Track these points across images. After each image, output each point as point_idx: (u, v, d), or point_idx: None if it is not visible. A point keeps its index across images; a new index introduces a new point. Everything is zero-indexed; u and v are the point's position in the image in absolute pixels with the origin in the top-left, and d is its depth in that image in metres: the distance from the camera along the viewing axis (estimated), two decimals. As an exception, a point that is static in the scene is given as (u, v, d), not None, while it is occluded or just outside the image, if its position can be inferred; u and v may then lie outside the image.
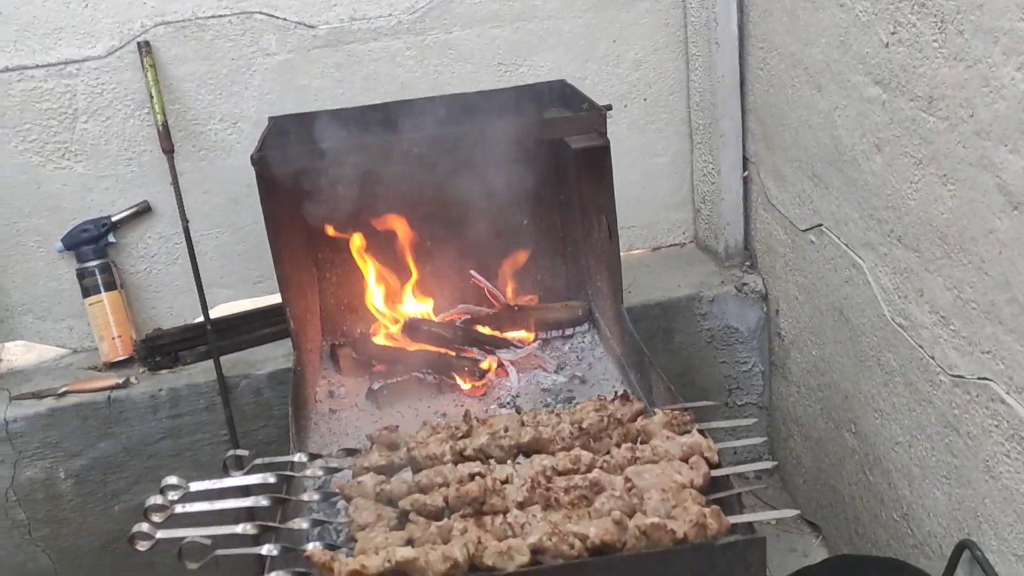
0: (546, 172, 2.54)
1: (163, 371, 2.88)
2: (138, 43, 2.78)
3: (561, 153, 2.51)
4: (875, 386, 2.25)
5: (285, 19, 2.84)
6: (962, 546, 1.86)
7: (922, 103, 1.85)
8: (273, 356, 2.89)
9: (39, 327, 3.03)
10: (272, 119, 2.56)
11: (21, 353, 3.09)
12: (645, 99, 3.16)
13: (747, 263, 3.10)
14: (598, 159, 2.25)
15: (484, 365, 2.39)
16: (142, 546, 1.59)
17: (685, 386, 2.88)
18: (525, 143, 2.33)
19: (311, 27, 2.86)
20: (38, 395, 2.79)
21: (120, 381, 2.80)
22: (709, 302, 3.00)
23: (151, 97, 2.79)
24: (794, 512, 1.65)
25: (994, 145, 1.62)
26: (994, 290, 1.67)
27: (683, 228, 3.34)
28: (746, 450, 2.93)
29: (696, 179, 3.23)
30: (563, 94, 2.60)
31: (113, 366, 2.92)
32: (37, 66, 2.79)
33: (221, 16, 2.82)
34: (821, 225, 2.47)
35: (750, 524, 1.53)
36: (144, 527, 1.59)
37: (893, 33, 1.94)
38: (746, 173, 3.01)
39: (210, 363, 2.82)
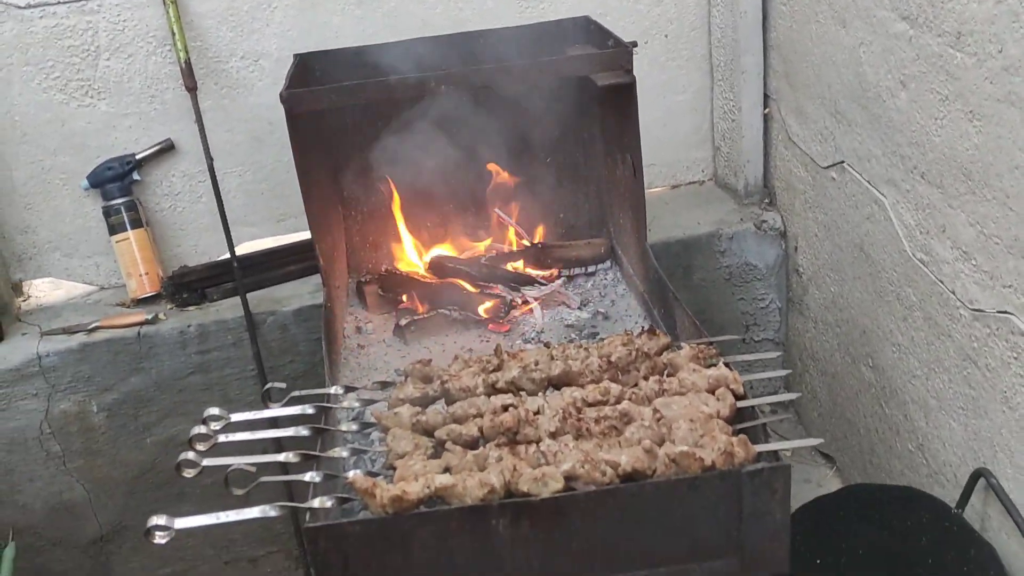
0: (570, 110, 2.55)
1: (190, 308, 2.93)
2: (159, -21, 2.79)
3: (585, 90, 2.52)
4: (894, 321, 2.29)
5: (305, -47, 2.84)
6: (977, 474, 1.92)
7: (950, 39, 1.86)
8: (299, 293, 2.93)
9: (66, 264, 3.07)
10: (298, 56, 2.57)
11: (49, 290, 3.14)
12: (666, 35, 3.15)
13: (766, 201, 3.12)
14: (624, 96, 2.26)
15: (508, 297, 2.43)
16: (188, 473, 1.66)
17: (703, 323, 2.88)
18: (549, 80, 2.34)
19: (332, -37, 2.86)
20: (69, 331, 2.85)
21: (149, 317, 2.85)
22: (728, 239, 3.03)
23: (173, 34, 2.80)
24: (817, 440, 1.70)
25: (1022, 81, 1.63)
26: (1018, 225, 1.70)
27: (703, 166, 3.36)
28: (762, 384, 2.98)
29: (716, 117, 3.23)
30: (587, 31, 2.59)
31: (141, 303, 2.97)
32: (59, 2, 2.79)
33: (242, -49, 2.81)
34: (843, 162, 2.49)
35: (775, 452, 1.58)
36: (190, 455, 1.65)
37: (921, -32, 1.94)
38: (767, 110, 3.02)
39: (236, 300, 2.86)
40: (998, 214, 1.76)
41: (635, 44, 2.28)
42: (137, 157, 2.95)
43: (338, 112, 2.56)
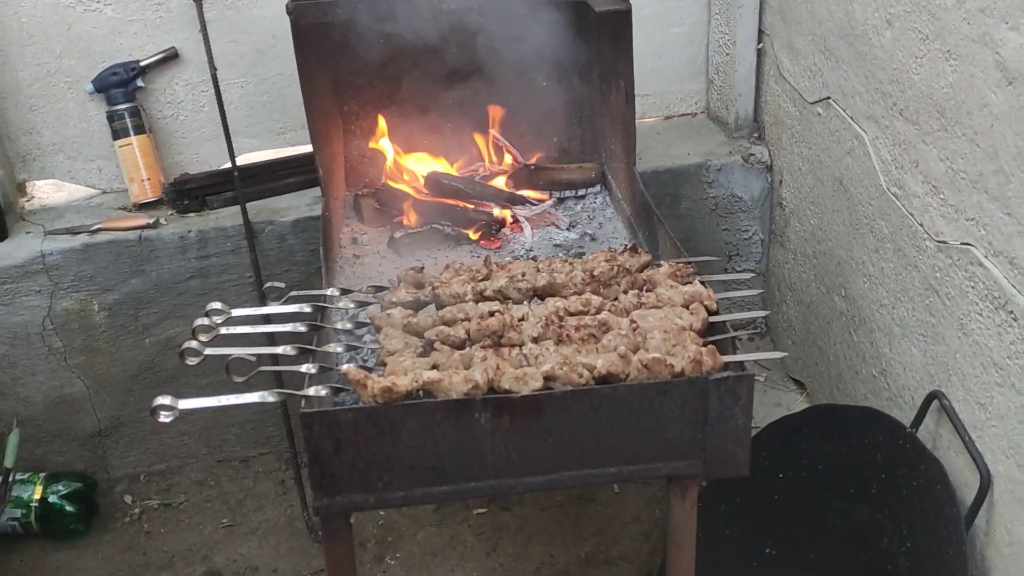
0: (567, 35, 2.60)
1: (191, 214, 3.00)
2: None
3: (582, 17, 2.58)
4: (867, 252, 2.39)
5: None
6: (932, 396, 2.05)
7: (934, -20, 1.94)
8: (297, 205, 3.01)
9: (69, 167, 3.14)
10: (304, -31, 2.61)
11: (52, 191, 3.21)
12: (665, -34, 3.20)
13: (755, 135, 3.21)
14: (619, 24, 2.33)
15: (499, 215, 2.52)
16: (191, 361, 1.76)
17: (688, 250, 2.95)
18: (548, 4, 2.40)
19: None
20: (72, 231, 2.93)
21: (150, 221, 2.93)
22: (716, 171, 3.12)
23: (180, -59, 2.84)
24: (782, 354, 1.82)
25: (996, 22, 1.71)
26: (983, 161, 1.80)
27: (696, 98, 3.43)
28: (739, 305, 3.10)
29: (711, 50, 3.29)
30: (587, -42, 2.64)
31: (142, 207, 3.04)
32: (69, -95, 2.83)
33: None
34: (829, 98, 2.57)
35: (740, 363, 1.70)
36: (193, 344, 1.76)
37: (913, -91, 2.00)
38: (760, 45, 3.08)
39: (236, 208, 2.94)
40: (966, 150, 1.86)
41: (633, -28, 2.33)
42: (142, 64, 3.00)
43: (342, 27, 2.61)
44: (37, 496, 2.92)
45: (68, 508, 2.94)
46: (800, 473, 2.33)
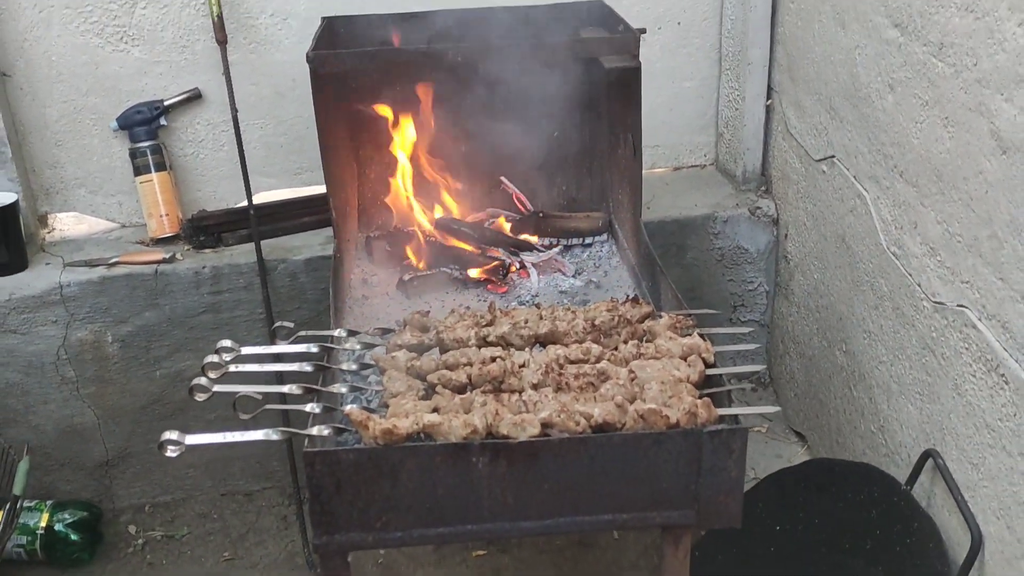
0: (578, 89, 2.67)
1: (206, 250, 3.07)
2: (197, -66, 2.92)
3: (593, 71, 2.64)
4: (867, 309, 2.43)
5: (340, -80, 2.96)
6: (927, 455, 2.07)
7: (933, 48, 1.99)
8: (310, 244, 3.08)
9: (91, 201, 3.22)
10: (325, 19, 2.70)
11: (72, 224, 3.29)
12: (679, 23, 3.27)
13: (762, 188, 3.26)
14: (629, 80, 2.39)
15: (507, 261, 2.57)
16: (200, 397, 1.80)
17: (693, 300, 3.06)
18: (561, 60, 2.47)
19: (363, -69, 2.98)
20: (90, 263, 3.00)
21: (167, 256, 3.00)
22: (723, 222, 3.17)
23: (207, -12, 2.93)
24: (775, 409, 1.85)
25: (992, 93, 1.76)
26: (978, 226, 1.84)
27: (705, 151, 3.49)
28: (742, 358, 3.14)
29: (721, 104, 3.36)
30: (600, 15, 2.72)
31: (160, 242, 3.11)
32: (101, -50, 2.93)
33: (278, -86, 2.94)
34: (833, 156, 2.62)
35: (735, 416, 1.73)
36: (203, 380, 1.80)
37: (915, -21, 2.07)
38: (769, 101, 3.14)
39: (250, 245, 3.00)
40: (962, 215, 1.90)
41: (643, 31, 2.41)
42: (165, 103, 3.08)
43: (360, 76, 2.69)
44: (43, 524, 2.96)
45: (73, 536, 2.97)
46: (797, 526, 2.35)
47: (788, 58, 2.94)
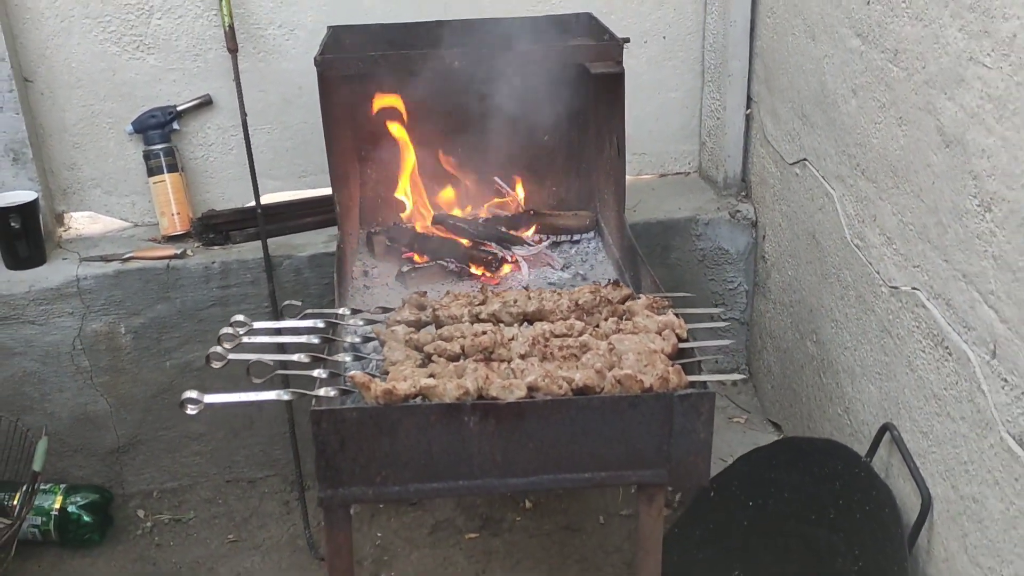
0: (568, 95, 2.85)
1: (215, 247, 3.22)
2: (212, -51, 3.11)
3: (582, 79, 2.83)
4: (834, 299, 2.61)
5: (346, -62, 3.16)
6: (884, 428, 2.24)
7: (889, 55, 2.18)
8: (314, 242, 3.24)
9: (106, 201, 3.38)
10: (331, 28, 2.89)
11: (87, 223, 3.44)
12: (664, 37, 3.46)
13: (742, 193, 3.44)
14: (613, 84, 2.58)
15: (499, 254, 2.75)
16: (216, 364, 1.97)
17: (685, 305, 3.24)
18: (551, 66, 2.66)
19: (369, -52, 3.18)
20: (106, 259, 3.16)
21: (178, 252, 3.16)
22: (705, 224, 3.35)
23: (220, 0, 3.11)
24: (741, 376, 2.03)
25: (937, 93, 1.95)
26: (926, 214, 2.02)
27: (689, 158, 3.67)
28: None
29: (704, 114, 3.55)
30: (588, 25, 2.92)
31: (171, 239, 3.27)
32: (120, -37, 3.12)
33: (288, -70, 3.13)
34: (805, 160, 2.80)
35: (704, 383, 1.91)
36: (218, 349, 1.98)
37: (874, -7, 2.26)
38: (748, 111, 3.33)
39: (258, 243, 3.15)
40: (913, 205, 2.08)
41: (627, 40, 2.60)
42: (178, 108, 3.25)
43: (363, 81, 2.88)
44: (57, 506, 3.10)
45: (85, 518, 3.11)
46: (768, 501, 2.51)
47: (765, 69, 3.13)
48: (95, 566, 3.10)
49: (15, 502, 2.94)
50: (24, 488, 2.89)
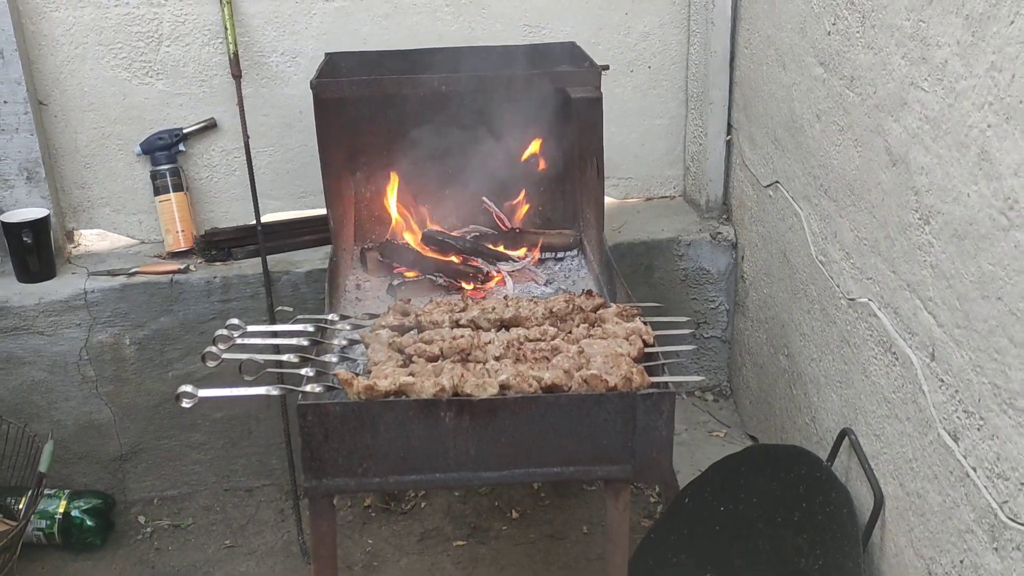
0: (553, 120, 3.01)
1: (217, 263, 3.37)
2: (218, -19, 3.28)
3: (565, 104, 2.99)
4: (802, 314, 2.74)
5: (344, -29, 3.34)
6: (843, 433, 2.37)
7: (847, 81, 2.33)
8: (311, 259, 3.39)
9: (114, 219, 3.54)
10: (328, 54, 3.06)
11: (95, 240, 3.59)
12: (649, 67, 3.62)
13: (724, 216, 3.58)
14: (593, 108, 2.73)
15: (485, 269, 2.89)
16: (211, 363, 2.11)
17: (655, 315, 3.37)
18: (536, 91, 2.81)
19: (365, -20, 3.35)
20: (112, 273, 3.31)
21: (181, 267, 3.31)
22: (687, 245, 3.49)
23: (225, 29, 3.27)
24: (700, 378, 2.16)
25: (885, 116, 2.09)
26: (877, 229, 2.16)
27: (674, 183, 3.82)
28: (709, 373, 3.43)
29: (688, 140, 3.70)
30: (572, 54, 3.08)
31: (175, 255, 3.42)
32: (132, -6, 3.30)
33: (291, -35, 3.31)
34: (777, 182, 2.95)
35: (666, 384, 2.03)
36: (213, 349, 2.11)
37: (833, 24, 2.41)
38: (729, 137, 3.48)
39: (258, 259, 3.29)
40: (867, 221, 2.22)
41: (606, 67, 2.75)
42: (184, 131, 3.42)
43: (358, 104, 3.04)
44: (61, 510, 3.23)
45: (88, 523, 3.23)
46: (738, 505, 2.63)
47: (744, 97, 3.28)
48: (96, 569, 3.23)
49: (21, 505, 3.07)
50: (30, 490, 3.02)
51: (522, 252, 3.05)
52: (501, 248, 3.06)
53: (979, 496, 1.72)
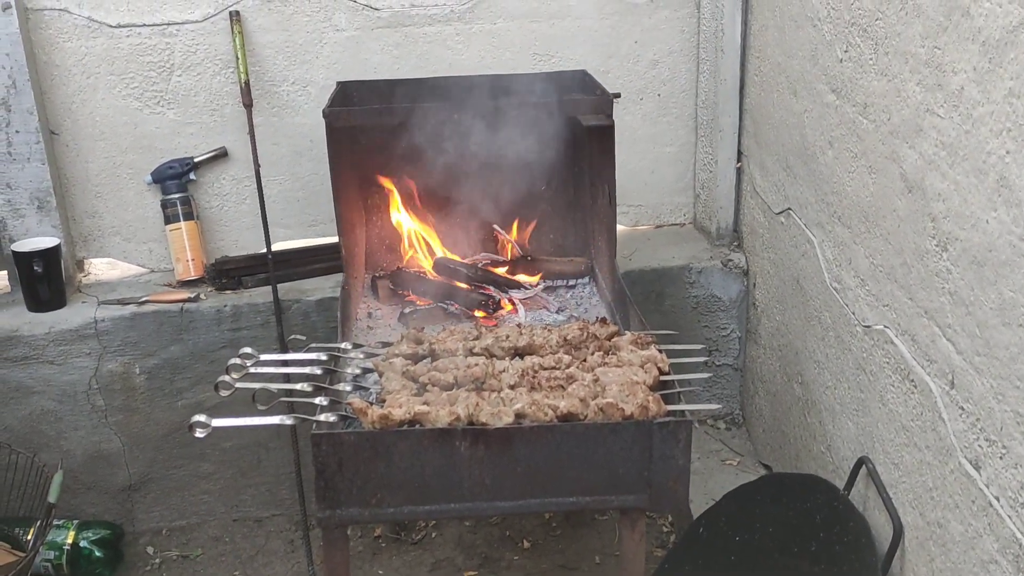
0: (564, 147, 3.01)
1: (227, 292, 3.37)
2: (230, 12, 3.29)
3: (576, 132, 2.99)
4: (816, 341, 2.72)
5: (355, 1, 3.35)
6: (860, 462, 2.34)
7: (860, 108, 2.32)
8: (321, 287, 3.38)
9: (124, 247, 3.54)
10: (340, 83, 3.07)
11: (106, 269, 3.59)
12: (659, 95, 3.63)
13: (735, 243, 3.57)
14: (604, 136, 2.73)
15: (497, 297, 2.88)
16: (223, 392, 2.10)
17: (669, 342, 3.36)
18: (547, 119, 2.81)
19: (376, 9, 3.36)
20: (123, 302, 3.30)
21: (192, 296, 3.30)
22: (698, 273, 3.48)
23: (237, 59, 3.28)
24: (717, 406, 2.13)
25: (900, 142, 2.09)
26: (893, 256, 2.14)
27: (684, 210, 3.81)
28: (722, 401, 3.41)
29: (697, 168, 3.70)
30: (583, 82, 3.08)
31: (185, 284, 3.42)
32: (144, 25, 3.29)
33: (302, -5, 3.33)
34: (789, 209, 2.94)
35: (682, 412, 2.02)
36: (226, 378, 2.10)
37: (846, 51, 2.41)
38: (739, 164, 3.48)
39: (268, 288, 3.30)
40: (882, 248, 2.21)
41: (617, 95, 2.76)
42: (195, 160, 3.43)
43: (369, 132, 3.04)
44: (69, 540, 3.20)
45: (97, 554, 3.21)
46: (754, 535, 2.59)
47: (754, 124, 3.28)
48: (104, 600, 3.20)
49: (29, 536, 3.04)
50: (39, 521, 3.00)
51: (535, 280, 3.04)
52: (512, 275, 3.05)
53: (1003, 526, 1.70)
